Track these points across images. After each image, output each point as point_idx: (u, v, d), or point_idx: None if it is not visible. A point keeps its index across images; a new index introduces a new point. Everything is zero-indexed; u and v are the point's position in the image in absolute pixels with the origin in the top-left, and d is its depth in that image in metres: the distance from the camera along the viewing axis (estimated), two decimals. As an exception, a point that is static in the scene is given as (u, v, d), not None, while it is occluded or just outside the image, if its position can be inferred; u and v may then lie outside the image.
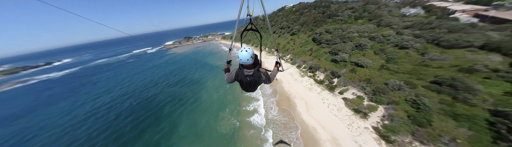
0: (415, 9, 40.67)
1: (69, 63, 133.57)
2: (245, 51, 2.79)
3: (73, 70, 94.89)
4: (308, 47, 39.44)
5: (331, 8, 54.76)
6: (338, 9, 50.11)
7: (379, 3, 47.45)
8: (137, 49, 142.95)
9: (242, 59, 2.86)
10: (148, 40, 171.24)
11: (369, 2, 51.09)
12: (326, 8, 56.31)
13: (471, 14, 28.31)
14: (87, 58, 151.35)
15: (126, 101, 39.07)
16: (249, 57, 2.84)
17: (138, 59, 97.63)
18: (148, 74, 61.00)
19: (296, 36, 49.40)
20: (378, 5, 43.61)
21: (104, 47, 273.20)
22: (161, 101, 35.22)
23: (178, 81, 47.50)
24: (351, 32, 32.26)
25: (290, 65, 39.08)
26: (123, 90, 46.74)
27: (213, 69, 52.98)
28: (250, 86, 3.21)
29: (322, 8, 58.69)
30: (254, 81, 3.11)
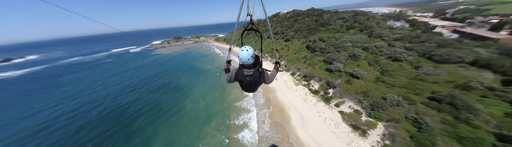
0: (399, 23, 43.06)
1: (33, 60, 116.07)
2: (245, 50, 2.68)
3: (36, 69, 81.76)
4: (302, 55, 38.54)
5: (324, 17, 55.94)
6: (330, 18, 51.19)
7: (368, 15, 49.64)
8: (118, 47, 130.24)
9: (242, 59, 2.76)
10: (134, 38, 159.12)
11: (358, 13, 53.23)
12: (319, 17, 57.40)
13: (450, 30, 30.53)
14: (57, 55, 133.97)
15: (93, 109, 33.21)
16: (250, 57, 2.73)
17: (118, 59, 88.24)
18: (126, 76, 54.42)
19: (290, 42, 48.71)
20: (367, 17, 45.31)
21: (80, 44, 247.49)
22: (137, 110, 30.44)
23: (161, 86, 42.62)
24: (345, 41, 32.12)
25: (284, 72, 37.54)
26: (93, 96, 40.26)
27: (202, 73, 49.19)
28: (250, 86, 3.13)
29: (315, 17, 59.78)
30: (254, 81, 3.02)
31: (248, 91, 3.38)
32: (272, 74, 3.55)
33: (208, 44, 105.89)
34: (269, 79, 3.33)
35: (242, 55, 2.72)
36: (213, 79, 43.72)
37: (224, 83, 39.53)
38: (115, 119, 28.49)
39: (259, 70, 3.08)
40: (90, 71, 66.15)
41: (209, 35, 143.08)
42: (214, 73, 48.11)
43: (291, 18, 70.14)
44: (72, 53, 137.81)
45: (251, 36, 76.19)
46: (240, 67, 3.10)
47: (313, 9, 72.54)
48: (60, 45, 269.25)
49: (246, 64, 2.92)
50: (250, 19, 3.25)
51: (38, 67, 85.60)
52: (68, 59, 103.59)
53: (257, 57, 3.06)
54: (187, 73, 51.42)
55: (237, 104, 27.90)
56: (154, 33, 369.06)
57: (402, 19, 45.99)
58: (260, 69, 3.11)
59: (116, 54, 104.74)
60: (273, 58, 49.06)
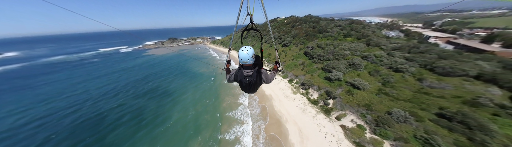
0: (394, 32, 43.68)
1: (11, 58, 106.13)
2: (245, 50, 2.61)
3: (12, 67, 74.13)
4: (300, 61, 37.28)
5: (321, 23, 56.10)
6: (327, 25, 51.25)
7: (363, 23, 50.28)
8: (108, 47, 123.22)
9: (242, 59, 2.69)
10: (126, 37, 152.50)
11: (354, 21, 53.91)
12: (316, 24, 57.54)
13: (444, 41, 31.02)
14: (39, 53, 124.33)
15: (68, 116, 29.19)
16: (250, 57, 2.65)
17: (106, 59, 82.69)
18: (112, 78, 50.10)
19: (288, 48, 47.67)
20: (363, 25, 45.65)
21: (69, 42, 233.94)
22: (117, 119, 26.95)
23: (149, 90, 39.14)
24: (343, 49, 31.31)
25: (281, 79, 35.84)
26: (70, 100, 35.97)
27: (196, 77, 46.25)
28: (250, 86, 3.05)
29: (312, 23, 59.94)
30: (253, 81, 2.94)
31: (248, 92, 3.32)
32: (272, 74, 3.43)
33: (204, 47, 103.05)
34: (269, 79, 3.24)
35: (242, 55, 2.64)
36: (206, 83, 41.00)
37: (218, 89, 37.00)
38: (90, 129, 24.84)
39: (259, 71, 2.99)
40: (73, 72, 60.72)
41: (206, 37, 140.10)
42: (208, 77, 45.50)
43: (288, 23, 70.09)
44: (57, 51, 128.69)
45: (249, 40, 74.95)
46: (240, 67, 2.99)
47: (310, 16, 73.35)
48: (47, 42, 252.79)
49: (246, 64, 2.81)
50: (250, 18, 3.12)
51: (14, 65, 77.75)
52: (50, 58, 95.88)
53: (257, 57, 2.97)
54: (179, 77, 48.27)
55: (230, 114, 25.43)
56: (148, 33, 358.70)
57: (396, 29, 46.89)
58: (260, 70, 3.02)
59: (105, 54, 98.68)
60: (270, 63, 47.53)
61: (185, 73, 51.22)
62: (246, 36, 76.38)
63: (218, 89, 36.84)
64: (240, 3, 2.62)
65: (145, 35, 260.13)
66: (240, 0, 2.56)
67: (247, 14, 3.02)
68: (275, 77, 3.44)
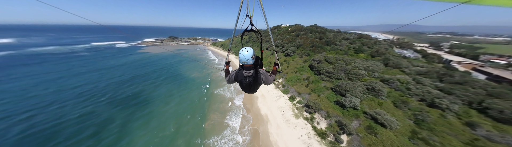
0: (408, 52, 39.57)
1: (2, 44, 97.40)
2: (245, 51, 2.63)
3: None
4: (304, 75, 32.04)
5: (328, 35, 51.92)
6: (335, 37, 46.91)
7: (373, 39, 46.22)
8: (105, 41, 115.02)
9: (242, 59, 2.69)
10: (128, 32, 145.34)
11: (363, 36, 49.97)
12: (323, 35, 53.33)
13: (469, 68, 26.95)
14: (34, 42, 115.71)
15: (15, 125, 22.49)
16: (249, 58, 2.64)
17: (96, 54, 75.28)
18: (94, 77, 43.19)
19: (291, 58, 42.60)
20: (374, 41, 41.38)
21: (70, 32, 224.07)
22: (74, 134, 20.52)
23: (128, 96, 32.58)
24: (358, 67, 26.37)
25: (281, 94, 30.23)
26: (32, 102, 29.15)
27: (187, 84, 39.85)
28: (250, 87, 3.01)
29: (318, 34, 55.78)
30: (253, 82, 2.90)
31: (248, 92, 3.23)
32: (271, 75, 3.29)
33: (204, 48, 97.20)
34: (269, 80, 3.11)
35: (242, 56, 2.63)
36: (196, 92, 34.74)
37: (207, 101, 30.91)
38: (35, 146, 18.21)
39: (259, 71, 2.88)
40: (55, 66, 53.26)
41: (207, 38, 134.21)
42: (200, 84, 39.30)
43: (292, 32, 65.78)
44: (52, 41, 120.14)
45: (250, 45, 69.94)
46: (240, 68, 2.92)
47: (316, 26, 69.52)
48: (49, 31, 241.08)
49: (246, 65, 2.79)
50: (250, 20, 3.00)
51: (0, 53, 69.56)
52: (41, 48, 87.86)
53: (257, 58, 2.94)
54: (168, 81, 41.87)
55: (212, 141, 19.38)
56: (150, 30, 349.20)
57: (408, 48, 42.96)
58: (259, 71, 2.92)
59: (99, 48, 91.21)
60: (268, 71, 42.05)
61: (176, 77, 44.93)
62: (247, 41, 71.41)
63: (208, 100, 30.79)
64: (240, 5, 2.54)
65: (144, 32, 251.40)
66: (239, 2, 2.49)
67: (247, 16, 2.89)
68: (274, 77, 3.29)
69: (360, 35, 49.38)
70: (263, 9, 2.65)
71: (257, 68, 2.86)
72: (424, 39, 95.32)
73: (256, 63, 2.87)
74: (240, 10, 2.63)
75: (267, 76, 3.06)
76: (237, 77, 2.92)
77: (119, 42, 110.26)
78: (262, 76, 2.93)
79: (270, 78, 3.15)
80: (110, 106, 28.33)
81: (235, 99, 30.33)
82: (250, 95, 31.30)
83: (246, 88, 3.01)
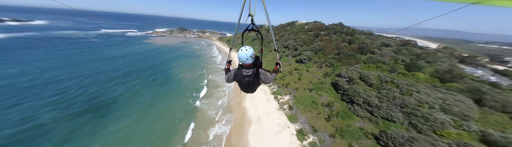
0: (485, 72, 24.84)
1: (34, 26, 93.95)
2: (245, 50, 2.45)
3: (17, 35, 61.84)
4: (324, 98, 20.15)
5: (358, 38, 36.97)
6: (372, 42, 32.16)
7: (424, 48, 30.87)
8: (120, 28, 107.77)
9: (241, 59, 2.51)
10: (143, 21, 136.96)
11: (408, 43, 34.38)
12: (352, 37, 38.38)
13: None
14: (60, 25, 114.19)
15: None
16: (248, 57, 2.46)
17: (103, 42, 68.30)
18: (85, 70, 35.12)
19: (305, 66, 29.91)
20: (433, 55, 26.30)
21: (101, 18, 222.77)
22: None
23: (102, 102, 23.76)
24: (427, 104, 13.88)
25: (285, 123, 19.10)
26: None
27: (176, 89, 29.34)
28: (249, 86, 2.79)
29: (346, 35, 40.69)
30: (252, 81, 2.68)
31: (247, 92, 3.00)
32: (271, 74, 3.03)
33: (210, 42, 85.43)
34: (269, 80, 2.83)
35: (241, 55, 2.45)
36: (179, 104, 24.15)
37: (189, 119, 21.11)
38: None
39: (258, 71, 2.66)
40: (48, 53, 46.51)
41: (216, 32, 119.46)
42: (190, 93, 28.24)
43: (310, 31, 50.57)
44: (76, 25, 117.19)
45: (256, 43, 56.86)
46: (239, 67, 2.68)
47: (342, 25, 52.87)
48: (81, 16, 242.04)
49: (245, 64, 2.60)
50: (251, 19, 2.82)
51: (23, 33, 66.41)
52: (61, 31, 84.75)
53: (256, 57, 2.73)
54: (158, 83, 32.19)
55: None
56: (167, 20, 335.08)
57: (476, 64, 27.85)
58: (259, 70, 2.70)
59: (109, 35, 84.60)
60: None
61: (166, 79, 34.97)
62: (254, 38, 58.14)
63: (190, 119, 20.81)
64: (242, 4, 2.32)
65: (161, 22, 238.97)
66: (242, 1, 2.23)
67: (249, 15, 2.73)
68: (275, 77, 3.07)
69: (405, 42, 33.91)
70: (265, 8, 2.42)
71: (256, 68, 2.61)
72: (476, 50, 70.80)
73: (256, 63, 2.66)
74: (242, 9, 2.41)
75: (266, 76, 2.79)
76: (236, 76, 2.69)
77: (132, 31, 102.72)
78: (261, 75, 2.68)
79: (270, 77, 2.87)
80: (68, 117, 19.83)
81: (218, 125, 19.85)
82: (242, 117, 20.83)
83: (245, 87, 2.78)
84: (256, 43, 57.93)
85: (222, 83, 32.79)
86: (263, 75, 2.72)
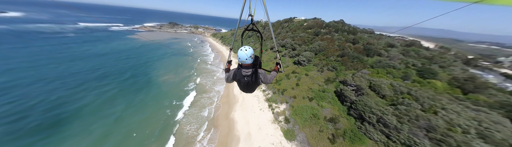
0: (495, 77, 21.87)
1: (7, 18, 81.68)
2: (244, 50, 2.36)
3: None
4: (326, 110, 16.50)
5: (361, 37, 32.67)
6: (378, 43, 27.96)
7: (431, 49, 27.34)
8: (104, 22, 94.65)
9: (241, 58, 2.42)
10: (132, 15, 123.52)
11: (413, 43, 30.63)
12: (354, 35, 33.99)
13: None
14: (37, 17, 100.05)
15: None
16: (248, 57, 2.38)
17: (81, 37, 59.29)
18: (50, 72, 28.86)
19: (304, 69, 25.72)
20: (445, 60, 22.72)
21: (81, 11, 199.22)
22: None
23: (56, 116, 18.58)
24: (459, 125, 10.49)
25: (280, 140, 15.56)
26: None
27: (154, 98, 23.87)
28: (248, 86, 2.72)
29: (348, 34, 36.17)
30: (251, 81, 2.61)
31: (246, 91, 2.92)
32: (271, 74, 2.97)
33: (202, 38, 77.63)
34: (268, 80, 2.77)
35: (240, 55, 2.37)
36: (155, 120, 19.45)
37: (163, 138, 16.94)
38: None
39: (258, 71, 2.60)
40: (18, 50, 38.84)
41: (211, 27, 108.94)
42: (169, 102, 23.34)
43: (309, 28, 45.47)
44: (54, 18, 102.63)
45: (250, 41, 51.23)
46: (239, 67, 2.61)
47: (343, 23, 47.87)
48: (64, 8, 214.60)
49: (244, 64, 2.52)
50: (251, 19, 2.79)
51: None
52: (36, 24, 73.31)
53: (256, 57, 2.64)
54: (134, 88, 26.68)
55: None
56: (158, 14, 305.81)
57: (482, 67, 25.07)
58: (258, 70, 2.62)
59: (90, 30, 74.05)
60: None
61: (147, 82, 29.51)
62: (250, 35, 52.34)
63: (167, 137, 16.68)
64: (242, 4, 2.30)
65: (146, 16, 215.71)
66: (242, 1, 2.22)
67: (249, 15, 2.70)
68: (275, 77, 2.96)
69: (410, 42, 30.14)
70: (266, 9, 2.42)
71: (256, 68, 2.55)
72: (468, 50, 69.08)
73: (255, 63, 2.57)
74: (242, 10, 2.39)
75: (266, 76, 2.73)
76: (236, 76, 2.62)
77: (117, 25, 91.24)
78: (261, 75, 2.62)
79: (269, 76, 2.81)
80: (14, 134, 14.94)
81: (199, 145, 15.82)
82: (228, 133, 16.97)
83: (244, 87, 2.72)
84: (251, 40, 52.28)
85: (211, 86, 28.33)
86: (262, 75, 2.63)
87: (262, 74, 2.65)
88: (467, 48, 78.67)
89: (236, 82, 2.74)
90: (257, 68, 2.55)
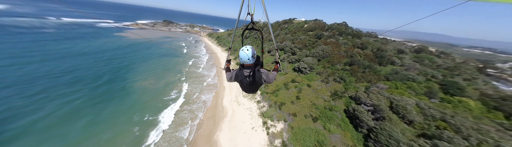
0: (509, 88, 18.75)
1: None
2: (246, 50, 2.29)
3: None
4: (336, 138, 12.53)
5: (368, 41, 28.88)
6: (389, 49, 24.17)
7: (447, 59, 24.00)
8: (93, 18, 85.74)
9: (242, 59, 2.35)
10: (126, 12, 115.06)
11: (423, 49, 27.23)
12: (360, 39, 30.15)
13: None
14: (22, 10, 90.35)
15: None
16: (250, 57, 2.30)
17: (63, 33, 52.52)
18: (5, 73, 23.34)
19: (305, 78, 21.65)
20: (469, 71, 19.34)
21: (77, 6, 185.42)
22: None
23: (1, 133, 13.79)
24: None
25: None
26: None
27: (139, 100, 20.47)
28: (250, 87, 2.62)
29: (354, 38, 32.28)
30: (254, 81, 2.53)
31: (248, 92, 2.81)
32: (272, 74, 2.81)
33: (198, 38, 71.86)
34: (270, 79, 2.66)
35: (242, 55, 2.29)
36: (117, 145, 15.30)
37: None
38: None
39: (260, 71, 2.52)
40: None
41: (208, 27, 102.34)
42: (140, 118, 19.30)
43: (310, 30, 41.39)
44: (39, 12, 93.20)
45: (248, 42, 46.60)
46: (241, 67, 2.55)
47: (346, 26, 43.96)
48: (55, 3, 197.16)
49: (246, 64, 2.46)
50: (251, 18, 2.69)
51: None
52: (16, 18, 65.35)
53: (257, 57, 2.55)
54: (104, 98, 21.85)
55: None
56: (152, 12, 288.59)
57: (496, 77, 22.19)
58: (260, 70, 2.55)
59: (74, 25, 66.38)
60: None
61: (123, 90, 24.24)
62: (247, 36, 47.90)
63: None
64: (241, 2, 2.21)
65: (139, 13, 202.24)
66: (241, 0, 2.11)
67: (248, 14, 2.59)
68: (276, 74, 2.87)
69: (420, 48, 26.73)
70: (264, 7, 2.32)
71: (257, 68, 2.47)
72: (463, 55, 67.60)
73: (257, 63, 2.50)
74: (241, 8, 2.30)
75: (268, 75, 2.62)
76: (238, 76, 2.55)
77: (107, 21, 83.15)
78: (263, 75, 2.53)
79: (271, 76, 2.69)
80: None
81: None
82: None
83: (247, 87, 2.63)
84: (248, 42, 47.65)
85: (198, 95, 23.82)
86: (265, 75, 2.55)
87: (264, 73, 2.53)
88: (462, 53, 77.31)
89: (238, 83, 2.62)
90: (259, 68, 2.43)
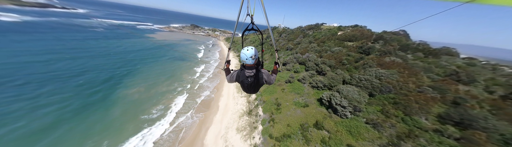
0: None
1: (68, 13, 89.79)
2: (247, 50, 2.15)
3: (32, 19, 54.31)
4: None
5: (461, 66, 16.10)
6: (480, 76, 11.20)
7: None
8: (142, 21, 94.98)
9: (242, 58, 2.21)
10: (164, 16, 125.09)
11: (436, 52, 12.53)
12: (437, 59, 17.53)
13: None
14: (93, 14, 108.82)
15: None
16: (249, 57, 2.15)
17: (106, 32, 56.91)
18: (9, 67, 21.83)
19: (344, 127, 11.68)
20: None
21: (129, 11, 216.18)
22: None
23: None
24: None
25: None
26: None
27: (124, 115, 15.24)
28: (252, 87, 2.45)
29: (427, 57, 19.25)
30: (255, 82, 2.39)
31: (249, 92, 2.64)
32: (272, 74, 2.72)
33: (215, 42, 68.88)
34: (272, 80, 2.54)
35: (243, 55, 2.14)
36: None
37: None
38: None
39: (261, 71, 2.37)
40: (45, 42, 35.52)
41: (229, 31, 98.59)
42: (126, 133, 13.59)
43: (349, 41, 29.34)
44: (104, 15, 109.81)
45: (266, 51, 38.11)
46: (242, 68, 2.41)
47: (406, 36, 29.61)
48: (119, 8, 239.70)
49: (247, 64, 2.31)
50: (251, 19, 2.56)
51: (45, 18, 60.43)
52: (84, 20, 76.53)
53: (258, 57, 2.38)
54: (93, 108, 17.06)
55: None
56: (183, 17, 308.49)
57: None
58: (261, 70, 2.41)
59: (121, 26, 73.53)
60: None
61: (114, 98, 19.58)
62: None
63: None
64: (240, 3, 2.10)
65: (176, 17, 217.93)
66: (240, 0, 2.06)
67: (247, 15, 2.48)
68: (276, 77, 2.73)
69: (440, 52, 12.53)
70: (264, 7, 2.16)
71: (258, 68, 2.33)
72: None
73: (258, 63, 2.37)
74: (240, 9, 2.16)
75: (269, 76, 2.49)
76: (239, 77, 2.39)
77: (146, 24, 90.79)
78: (264, 75, 2.39)
79: (272, 77, 2.56)
80: None
81: None
82: None
83: (248, 88, 2.46)
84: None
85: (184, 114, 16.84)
86: (266, 75, 2.42)
87: (265, 74, 2.40)
88: None
89: (239, 84, 2.47)
90: (259, 69, 2.33)
